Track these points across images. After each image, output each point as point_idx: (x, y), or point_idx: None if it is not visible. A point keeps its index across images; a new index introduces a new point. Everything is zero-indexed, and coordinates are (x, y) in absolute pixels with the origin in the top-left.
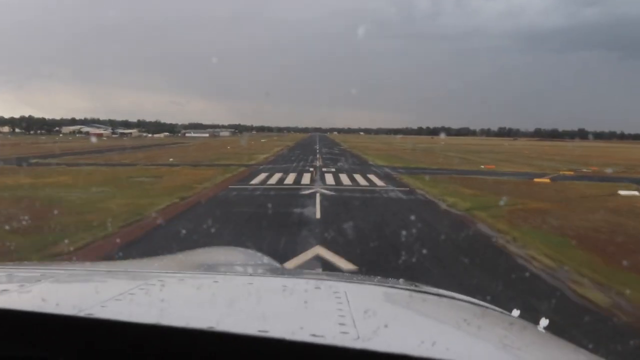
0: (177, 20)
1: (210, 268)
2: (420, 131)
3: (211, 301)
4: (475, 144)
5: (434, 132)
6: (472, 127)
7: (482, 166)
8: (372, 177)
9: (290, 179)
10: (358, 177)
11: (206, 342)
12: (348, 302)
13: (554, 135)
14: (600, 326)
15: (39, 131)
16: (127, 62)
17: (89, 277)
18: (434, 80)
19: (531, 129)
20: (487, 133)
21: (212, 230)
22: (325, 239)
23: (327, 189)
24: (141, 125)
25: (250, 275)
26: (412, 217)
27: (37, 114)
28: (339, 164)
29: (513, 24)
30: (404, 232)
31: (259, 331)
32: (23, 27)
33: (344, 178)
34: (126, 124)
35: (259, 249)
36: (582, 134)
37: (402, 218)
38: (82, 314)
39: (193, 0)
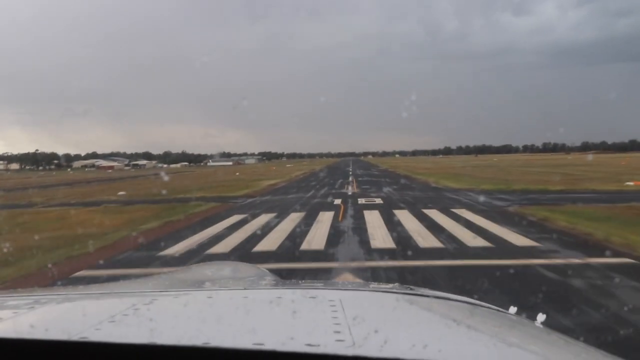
0: (206, 54)
1: (204, 284)
2: (459, 150)
3: (205, 317)
4: (534, 159)
5: (474, 151)
6: (514, 144)
7: (630, 182)
8: (471, 216)
9: (280, 233)
10: (441, 219)
11: (202, 358)
12: (343, 309)
13: (604, 147)
14: None
15: (47, 167)
16: (156, 95)
17: (83, 300)
18: (469, 99)
19: (577, 143)
20: (530, 149)
21: None
22: None
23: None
24: (166, 156)
25: (245, 288)
26: None
27: (61, 150)
28: (384, 189)
29: (544, 39)
30: None
31: (254, 344)
32: (52, 68)
33: (411, 223)
34: (147, 156)
35: None
36: (635, 145)
37: None
38: (76, 338)
39: (221, 34)
